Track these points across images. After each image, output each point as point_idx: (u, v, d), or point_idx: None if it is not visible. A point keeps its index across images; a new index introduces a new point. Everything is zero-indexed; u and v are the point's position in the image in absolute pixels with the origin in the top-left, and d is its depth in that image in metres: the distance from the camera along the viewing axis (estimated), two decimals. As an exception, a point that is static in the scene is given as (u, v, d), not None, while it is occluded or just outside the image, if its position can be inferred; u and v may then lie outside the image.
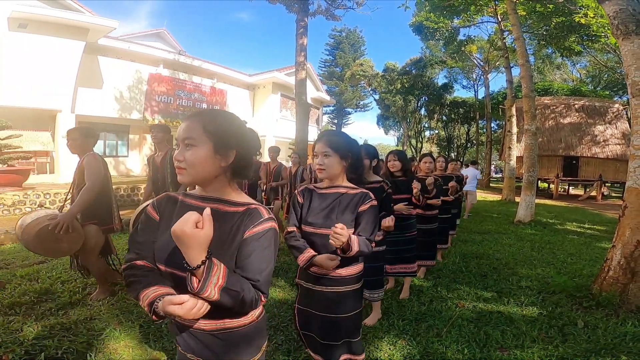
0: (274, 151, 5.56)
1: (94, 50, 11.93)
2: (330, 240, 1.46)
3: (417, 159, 4.36)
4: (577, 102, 18.70)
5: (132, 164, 14.53)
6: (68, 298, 2.99)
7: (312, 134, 20.95)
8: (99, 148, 12.16)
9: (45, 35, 10.20)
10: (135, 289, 0.95)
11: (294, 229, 1.68)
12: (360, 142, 2.09)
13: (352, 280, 1.68)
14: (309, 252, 1.60)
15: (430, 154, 4.02)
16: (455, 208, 5.27)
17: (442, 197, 3.78)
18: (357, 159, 1.69)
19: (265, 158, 6.30)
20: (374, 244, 1.67)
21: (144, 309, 0.92)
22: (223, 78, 16.80)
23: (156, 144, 3.64)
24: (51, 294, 3.09)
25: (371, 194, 1.67)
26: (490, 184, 22.25)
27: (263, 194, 5.28)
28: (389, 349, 2.38)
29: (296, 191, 1.75)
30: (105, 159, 3.09)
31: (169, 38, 18.33)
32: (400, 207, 2.90)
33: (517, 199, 9.97)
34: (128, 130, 14.33)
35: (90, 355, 2.17)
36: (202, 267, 0.82)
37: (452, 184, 4.55)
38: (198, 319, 0.96)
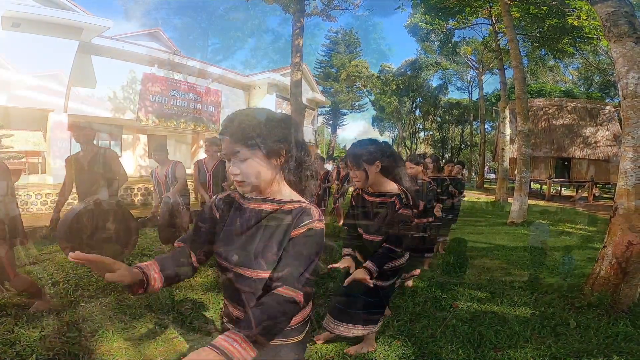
0: None
1: (88, 49, 11.79)
2: None
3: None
4: (569, 103, 18.93)
5: (125, 164, 14.34)
6: (60, 299, 2.96)
7: (308, 135, 21.04)
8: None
9: (38, 34, 10.08)
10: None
11: None
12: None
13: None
14: None
15: (413, 158, 3.50)
16: (449, 214, 4.88)
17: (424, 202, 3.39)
18: None
19: None
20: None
21: None
22: (218, 78, 16.71)
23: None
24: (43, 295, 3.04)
25: None
26: (484, 185, 22.42)
27: None
28: (384, 349, 2.38)
29: None
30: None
31: (164, 38, 18.22)
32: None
33: (510, 200, 10.05)
34: (121, 130, 14.21)
35: (83, 357, 2.15)
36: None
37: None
38: None
